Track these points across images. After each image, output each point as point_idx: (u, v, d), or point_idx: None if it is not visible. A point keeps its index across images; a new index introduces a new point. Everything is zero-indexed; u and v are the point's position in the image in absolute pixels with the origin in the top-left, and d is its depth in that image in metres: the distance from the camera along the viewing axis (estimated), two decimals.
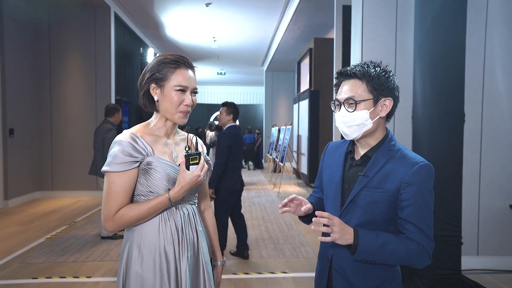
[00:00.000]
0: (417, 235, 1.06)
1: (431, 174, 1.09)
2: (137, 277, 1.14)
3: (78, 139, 6.44)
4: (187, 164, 1.15)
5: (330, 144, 1.33)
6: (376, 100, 1.12)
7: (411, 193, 1.06)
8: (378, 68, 1.12)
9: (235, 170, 3.39)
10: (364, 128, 1.12)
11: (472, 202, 3.24)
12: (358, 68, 1.13)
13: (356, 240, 1.04)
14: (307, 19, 7.46)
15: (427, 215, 1.07)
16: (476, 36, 3.17)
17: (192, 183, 1.15)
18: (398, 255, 1.05)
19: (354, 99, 1.11)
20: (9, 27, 5.60)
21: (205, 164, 1.20)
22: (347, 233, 1.04)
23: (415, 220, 1.06)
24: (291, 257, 3.61)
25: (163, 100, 1.18)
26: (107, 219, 1.13)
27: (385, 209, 1.09)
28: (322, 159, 1.33)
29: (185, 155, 1.16)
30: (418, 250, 1.06)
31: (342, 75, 1.17)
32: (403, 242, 1.06)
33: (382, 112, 1.13)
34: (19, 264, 3.28)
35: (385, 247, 1.05)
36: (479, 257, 3.24)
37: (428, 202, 1.07)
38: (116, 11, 6.86)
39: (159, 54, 10.37)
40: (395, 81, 1.14)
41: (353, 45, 3.45)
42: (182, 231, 1.21)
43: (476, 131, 3.22)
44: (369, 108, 1.11)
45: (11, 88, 5.66)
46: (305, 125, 8.37)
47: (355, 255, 1.05)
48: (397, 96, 1.15)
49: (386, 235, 1.07)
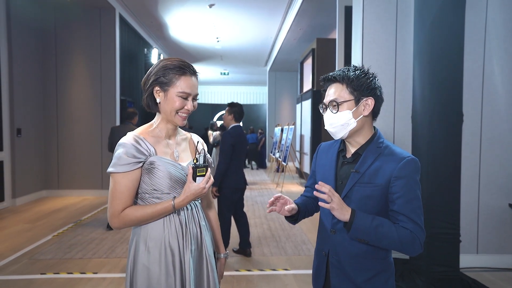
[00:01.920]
0: (410, 224, 1.13)
1: (417, 167, 1.17)
2: (144, 268, 1.21)
3: (83, 139, 6.54)
4: (194, 175, 1.22)
5: (322, 145, 1.41)
6: (358, 100, 1.20)
7: (400, 185, 1.14)
8: (358, 71, 1.21)
9: (238, 169, 3.46)
10: (349, 127, 1.20)
11: (472, 201, 3.28)
12: (338, 73, 1.22)
13: (352, 218, 1.12)
14: (309, 20, 7.51)
15: (416, 206, 1.15)
16: (476, 37, 3.21)
17: (197, 194, 1.22)
18: (390, 239, 1.12)
19: (336, 101, 1.20)
20: (16, 31, 5.71)
21: (211, 177, 1.27)
22: (345, 210, 1.12)
23: (406, 211, 1.14)
24: (292, 254, 3.67)
25: (165, 103, 1.25)
26: (113, 216, 1.19)
27: (377, 202, 1.17)
28: (314, 159, 1.41)
29: (193, 166, 1.22)
30: (410, 237, 1.12)
31: (326, 80, 1.26)
32: (397, 228, 1.13)
33: (365, 111, 1.20)
34: (28, 261, 3.37)
35: (379, 229, 1.12)
36: (478, 255, 3.27)
37: (416, 193, 1.15)
38: (120, 13, 6.95)
39: (163, 55, 10.47)
40: (376, 82, 1.22)
41: (354, 46, 3.50)
42: (186, 225, 1.27)
43: (475, 131, 3.26)
44: (351, 108, 1.19)
45: (18, 89, 5.78)
46: (307, 125, 8.41)
47: (350, 233, 1.13)
48: (379, 95, 1.22)
49: (381, 219, 1.14)
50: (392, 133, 3.34)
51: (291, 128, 8.33)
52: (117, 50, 6.71)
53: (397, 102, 3.33)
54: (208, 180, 1.24)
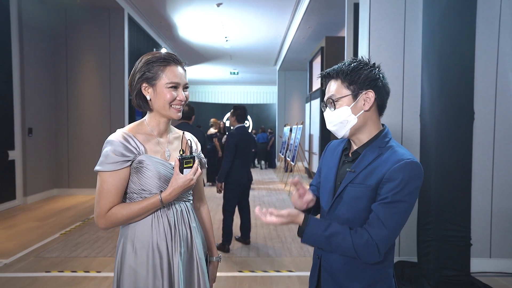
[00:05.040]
0: (375, 228, 1.03)
1: (416, 172, 1.04)
2: (131, 270, 1.18)
3: (93, 139, 6.61)
4: (181, 168, 1.17)
5: (331, 143, 1.34)
6: (356, 95, 1.11)
7: (389, 188, 1.03)
8: (354, 63, 1.12)
9: (242, 167, 3.74)
10: (349, 124, 1.12)
11: (485, 202, 3.15)
12: (332, 68, 1.15)
13: (304, 226, 1.08)
14: (318, 18, 7.41)
15: (396, 211, 1.03)
16: (489, 32, 3.07)
17: (185, 186, 1.17)
18: (344, 248, 1.06)
19: (332, 98, 1.13)
20: (28, 33, 5.83)
21: (199, 168, 1.22)
22: (297, 220, 1.09)
23: (381, 212, 1.03)
24: (298, 255, 3.61)
25: (156, 99, 1.20)
26: (99, 216, 1.16)
27: (367, 204, 1.08)
28: (322, 157, 1.34)
29: (179, 158, 1.18)
30: (366, 245, 1.03)
31: (322, 78, 1.20)
32: (353, 235, 1.05)
33: (366, 105, 1.11)
34: (34, 258, 3.41)
35: (332, 238, 1.06)
36: (491, 259, 3.14)
37: (404, 197, 1.02)
38: (129, 13, 7.01)
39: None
40: (376, 72, 1.11)
41: (361, 42, 3.41)
42: (175, 227, 1.23)
43: (488, 130, 3.13)
44: (349, 104, 1.11)
45: (30, 89, 5.89)
46: (316, 125, 8.31)
47: (302, 239, 1.10)
48: (381, 86, 1.11)
49: (337, 228, 1.07)
50: (400, 132, 3.24)
51: (300, 127, 8.24)
52: (126, 50, 6.77)
53: (405, 100, 3.22)
54: (196, 172, 1.19)
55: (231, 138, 3.69)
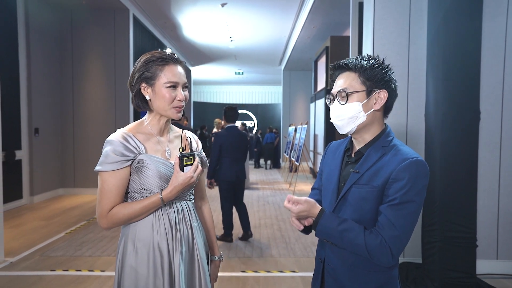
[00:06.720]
0: (386, 230, 1.02)
1: (422, 171, 1.03)
2: (132, 270, 1.18)
3: (98, 139, 6.65)
4: (181, 165, 1.17)
5: (332, 144, 1.31)
6: (370, 92, 1.09)
7: (397, 188, 1.02)
8: (372, 60, 1.10)
9: (231, 165, 3.96)
10: (357, 121, 1.09)
11: (491, 203, 3.10)
12: (351, 60, 1.12)
13: (318, 218, 1.07)
14: (323, 17, 7.37)
15: (407, 212, 1.01)
16: (496, 30, 3.03)
17: (185, 184, 1.17)
18: (356, 246, 1.04)
19: (346, 91, 1.10)
20: (35, 35, 5.89)
21: (199, 166, 1.21)
22: (314, 211, 1.08)
23: (391, 214, 1.02)
24: (301, 256, 3.59)
25: (155, 99, 1.20)
26: (101, 216, 1.16)
27: (373, 206, 1.06)
28: (323, 158, 1.31)
29: (179, 156, 1.17)
30: (379, 247, 1.01)
31: (336, 68, 1.16)
32: (368, 235, 1.03)
33: (377, 104, 1.09)
34: (39, 257, 3.44)
35: (344, 233, 1.04)
36: (498, 261, 3.10)
37: (413, 197, 1.01)
38: (134, 14, 7.04)
39: (177, 55, 10.54)
40: (390, 74, 1.11)
41: (365, 41, 3.39)
42: (176, 226, 1.23)
43: (495, 129, 3.08)
44: (361, 100, 1.08)
45: (36, 90, 5.95)
46: (321, 125, 8.28)
47: (316, 233, 1.09)
48: (393, 88, 1.11)
49: (351, 224, 1.05)
50: (404, 132, 3.21)
51: (304, 127, 8.22)
52: (131, 50, 6.80)
53: (410, 99, 3.19)
54: (196, 169, 1.19)
55: (216, 138, 4.01)
